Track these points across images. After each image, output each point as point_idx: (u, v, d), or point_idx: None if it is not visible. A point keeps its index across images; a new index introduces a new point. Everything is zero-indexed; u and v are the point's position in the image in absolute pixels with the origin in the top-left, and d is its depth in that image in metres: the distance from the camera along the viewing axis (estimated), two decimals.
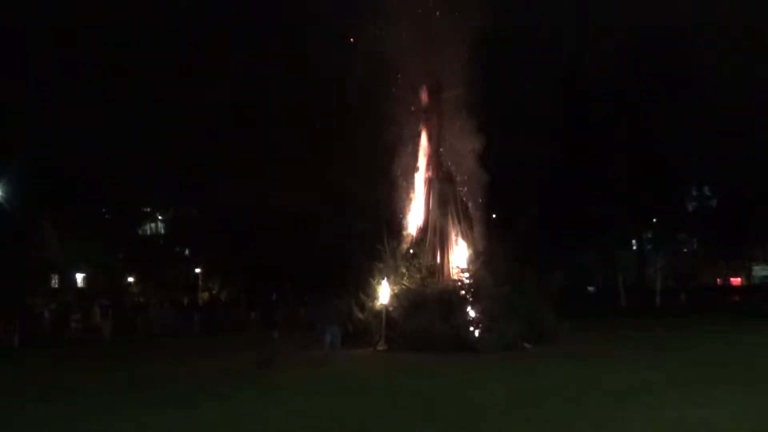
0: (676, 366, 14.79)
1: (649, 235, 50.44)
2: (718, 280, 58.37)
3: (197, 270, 47.61)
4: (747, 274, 59.99)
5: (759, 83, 46.54)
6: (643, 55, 42.93)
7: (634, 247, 50.50)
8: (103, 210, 46.40)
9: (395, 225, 23.96)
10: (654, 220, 48.51)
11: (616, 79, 44.15)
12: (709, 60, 44.58)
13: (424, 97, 24.03)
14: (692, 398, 10.82)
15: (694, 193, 50.60)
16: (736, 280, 59.24)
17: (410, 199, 24.13)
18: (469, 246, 23.20)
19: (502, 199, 31.38)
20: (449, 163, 23.82)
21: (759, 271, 59.05)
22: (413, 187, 24.18)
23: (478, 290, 21.31)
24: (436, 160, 23.99)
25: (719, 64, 45.33)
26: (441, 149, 23.86)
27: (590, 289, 51.61)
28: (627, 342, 20.83)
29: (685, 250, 52.96)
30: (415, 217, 24.11)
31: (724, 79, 45.59)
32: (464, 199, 23.80)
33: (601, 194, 44.23)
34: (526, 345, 20.04)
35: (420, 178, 24.19)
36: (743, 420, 9.20)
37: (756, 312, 30.23)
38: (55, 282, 44.83)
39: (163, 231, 51.87)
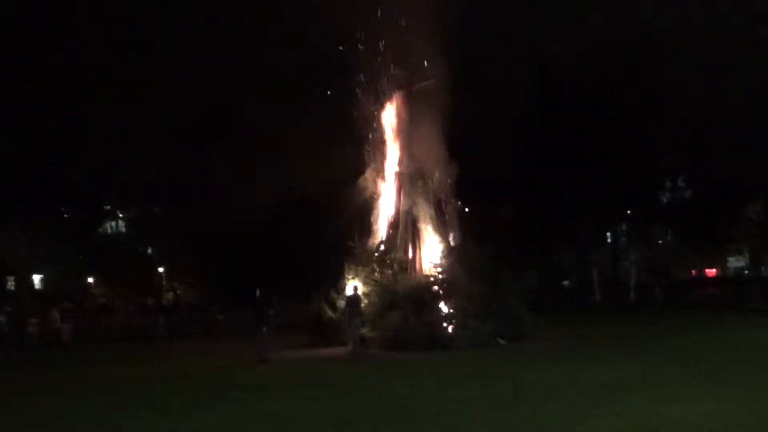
0: (651, 363, 15.00)
1: (624, 227, 51.06)
2: (693, 272, 59.34)
3: (161, 269, 47.16)
4: (722, 266, 61.10)
5: (732, 76, 47.50)
6: (615, 52, 43.48)
7: (609, 240, 51.10)
8: (62, 209, 45.65)
9: (366, 221, 24.00)
10: (628, 212, 49.11)
11: (588, 77, 44.65)
12: (683, 56, 45.25)
13: (394, 87, 24.09)
14: (668, 395, 10.99)
15: (668, 184, 51.22)
16: (711, 272, 60.30)
17: (380, 194, 24.15)
18: (441, 241, 23.34)
19: (475, 197, 31.55)
20: (420, 158, 23.90)
21: (734, 262, 60.09)
22: (384, 182, 24.21)
23: (451, 286, 21.50)
24: (406, 154, 24.06)
25: (694, 59, 46.03)
26: (411, 143, 23.93)
27: (565, 284, 52.19)
28: (601, 338, 21.11)
29: (660, 242, 53.59)
30: (385, 212, 24.18)
31: (698, 74, 46.39)
32: (436, 194, 23.91)
33: (575, 191, 44.60)
34: (501, 341, 20.22)
35: (390, 172, 24.21)
36: (719, 416, 9.38)
37: (733, 306, 30.77)
38: (11, 285, 44.10)
39: (125, 230, 51.20)
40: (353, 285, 21.35)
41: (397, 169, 24.25)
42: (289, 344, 22.06)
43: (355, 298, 20.53)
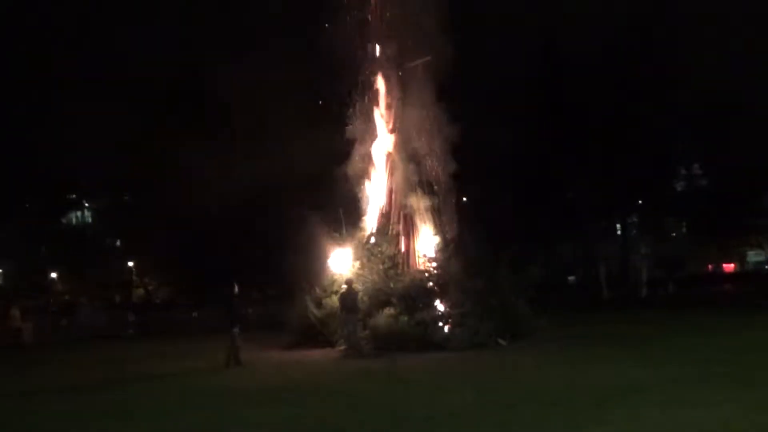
0: (663, 364, 14.96)
1: (635, 219, 51.09)
2: (709, 266, 59.40)
3: (130, 264, 46.97)
4: (740, 260, 61.16)
5: (753, 54, 47.43)
6: (625, 26, 43.39)
7: (619, 232, 51.10)
8: (23, 198, 45.37)
9: (353, 210, 23.93)
10: (639, 202, 49.12)
11: (593, 55, 44.48)
12: (700, 31, 45.18)
13: (384, 64, 23.97)
14: (682, 399, 10.95)
15: (683, 171, 51.16)
16: (728, 267, 60.34)
17: (369, 180, 24.09)
18: (437, 232, 23.26)
19: (473, 184, 31.45)
20: (413, 140, 23.79)
21: (753, 256, 60.23)
22: (373, 166, 24.16)
23: (447, 282, 21.41)
24: (398, 136, 23.97)
25: (711, 35, 46.01)
26: (404, 124, 23.85)
27: (570, 279, 52.23)
28: (610, 338, 21.09)
29: (674, 234, 53.68)
30: (375, 201, 24.12)
31: (715, 51, 46.32)
32: (431, 180, 23.81)
33: (580, 178, 44.55)
34: (501, 342, 20.23)
35: (380, 156, 24.15)
36: (738, 422, 9.33)
37: (752, 305, 30.81)
38: None
39: (91, 221, 50.94)
40: (346, 280, 21.23)
41: (388, 153, 24.11)
42: (270, 345, 21.99)
43: (349, 295, 20.38)
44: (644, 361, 15.54)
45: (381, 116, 24.34)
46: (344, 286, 20.98)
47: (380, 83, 24.26)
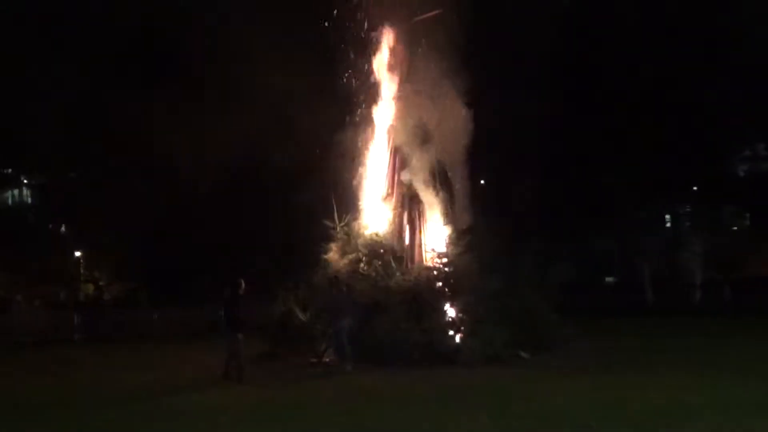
0: (719, 384, 15.01)
1: (687, 209, 50.95)
2: None
3: (77, 254, 46.93)
4: None
5: None
6: None
7: (668, 224, 50.97)
8: None
9: (348, 194, 23.93)
10: (694, 188, 48.93)
11: (639, 5, 44.11)
12: None
13: (389, 14, 23.94)
14: (745, 425, 10.97)
15: (747, 152, 50.93)
16: None
17: (367, 159, 24.13)
18: (448, 223, 23.29)
19: (492, 165, 31.41)
20: (421, 110, 23.76)
21: None
22: (373, 142, 24.28)
23: (459, 282, 21.51)
24: (403, 105, 23.97)
25: None
26: (411, 91, 23.83)
27: (608, 280, 52.17)
28: (655, 351, 21.15)
29: (735, 228, 53.49)
30: (374, 184, 24.17)
31: None
32: (442, 160, 23.83)
33: (620, 158, 44.31)
34: (522, 355, 20.32)
35: (382, 129, 24.21)
36: None
37: None
38: None
39: (30, 201, 50.84)
40: (332, 276, 21.25)
41: (391, 122, 24.12)
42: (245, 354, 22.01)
43: (336, 295, 20.37)
44: (696, 380, 15.57)
45: (383, 79, 24.29)
46: (331, 284, 21.02)
47: (384, 38, 24.24)
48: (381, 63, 24.36)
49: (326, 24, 23.57)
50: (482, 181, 26.66)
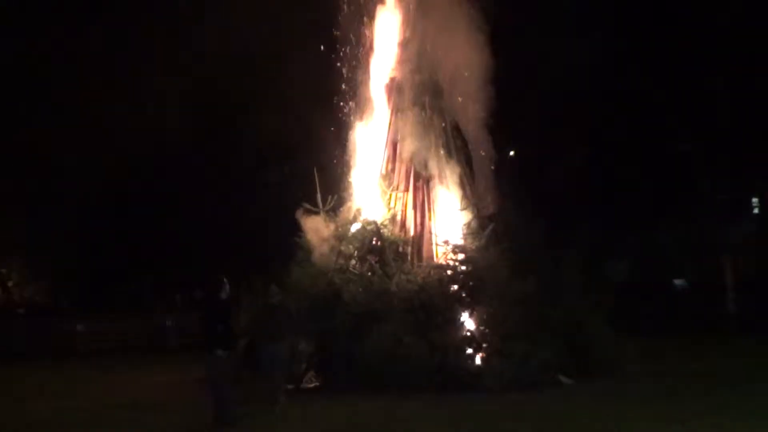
0: None
1: None
2: None
3: None
4: None
5: None
6: None
7: (755, 210, 50.97)
8: None
9: (336, 170, 23.83)
10: None
11: None
12: None
13: None
14: None
15: None
16: None
17: (360, 122, 24.14)
18: (466, 207, 23.18)
19: (525, 131, 31.34)
20: (434, 61, 23.78)
21: None
22: (369, 101, 24.27)
23: (480, 285, 21.39)
24: (410, 51, 23.93)
25: None
26: (420, 32, 23.81)
27: (678, 283, 52.08)
28: (737, 375, 21.01)
29: None
30: (371, 157, 24.15)
31: None
32: (459, 126, 23.88)
33: (696, 121, 44.23)
34: (563, 380, 20.31)
35: (380, 83, 24.20)
36: None
37: None
38: None
39: None
40: (271, 288, 20.29)
41: (393, 75, 24.09)
42: (195, 372, 21.65)
43: (272, 312, 19.39)
44: None
45: (382, 18, 24.39)
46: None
47: None
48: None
49: None
50: (512, 152, 26.48)
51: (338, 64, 24.17)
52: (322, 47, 24.65)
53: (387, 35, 24.37)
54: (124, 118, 34.63)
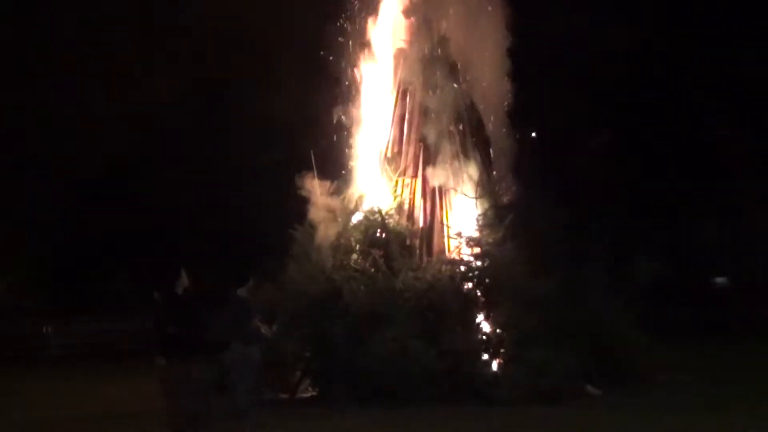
0: None
1: None
2: None
3: None
4: None
5: None
6: None
7: None
8: None
9: (335, 152, 23.92)
10: None
11: None
12: None
13: None
14: None
15: None
16: None
17: (364, 98, 24.22)
18: (482, 196, 23.24)
19: (548, 111, 31.39)
20: (446, 31, 23.90)
21: None
22: (372, 74, 24.36)
23: (497, 284, 21.48)
24: (420, 22, 24.01)
25: None
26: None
27: (719, 281, 52.10)
28: None
29: None
30: (376, 137, 24.23)
31: None
32: (474, 103, 23.91)
33: (732, 108, 44.29)
34: (590, 390, 20.38)
35: (387, 56, 24.32)
36: None
37: None
38: None
39: None
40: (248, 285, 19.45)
41: (401, 46, 24.17)
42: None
43: (242, 312, 18.34)
44: None
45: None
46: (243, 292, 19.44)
47: None
48: None
49: None
50: (533, 134, 26.50)
51: (339, 39, 24.19)
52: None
53: (393, 2, 24.43)
54: (100, 106, 34.72)
